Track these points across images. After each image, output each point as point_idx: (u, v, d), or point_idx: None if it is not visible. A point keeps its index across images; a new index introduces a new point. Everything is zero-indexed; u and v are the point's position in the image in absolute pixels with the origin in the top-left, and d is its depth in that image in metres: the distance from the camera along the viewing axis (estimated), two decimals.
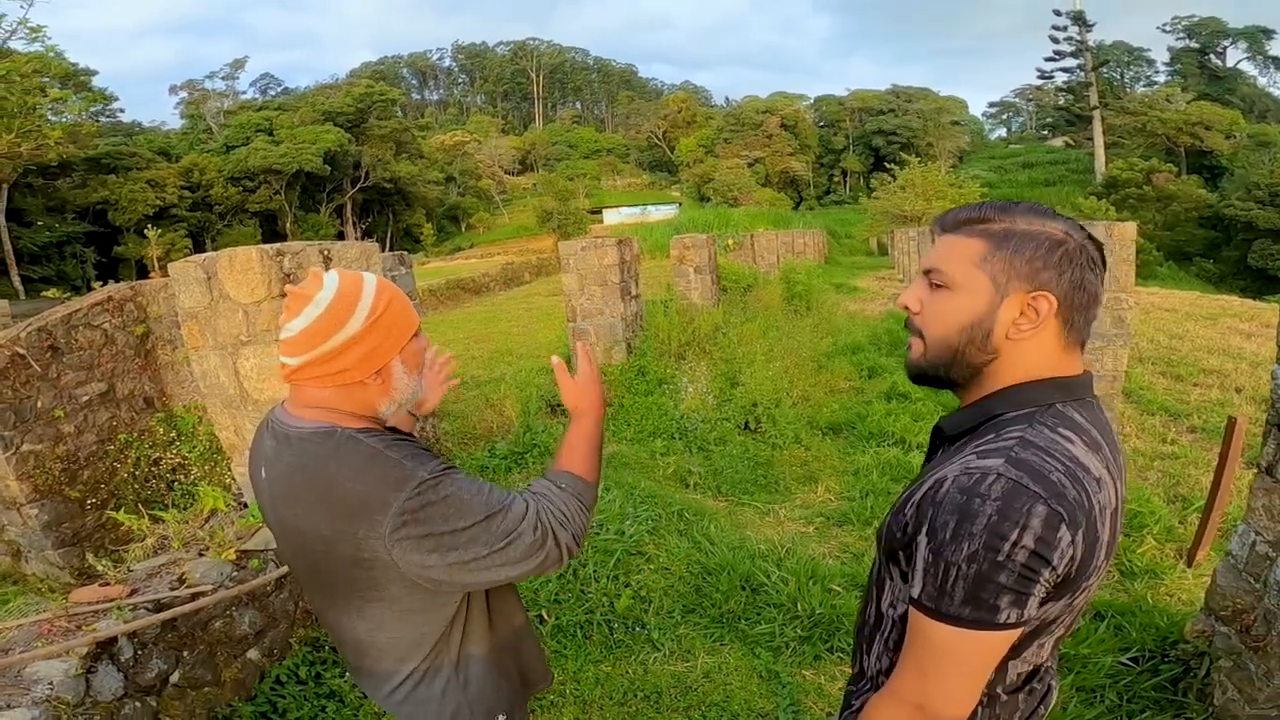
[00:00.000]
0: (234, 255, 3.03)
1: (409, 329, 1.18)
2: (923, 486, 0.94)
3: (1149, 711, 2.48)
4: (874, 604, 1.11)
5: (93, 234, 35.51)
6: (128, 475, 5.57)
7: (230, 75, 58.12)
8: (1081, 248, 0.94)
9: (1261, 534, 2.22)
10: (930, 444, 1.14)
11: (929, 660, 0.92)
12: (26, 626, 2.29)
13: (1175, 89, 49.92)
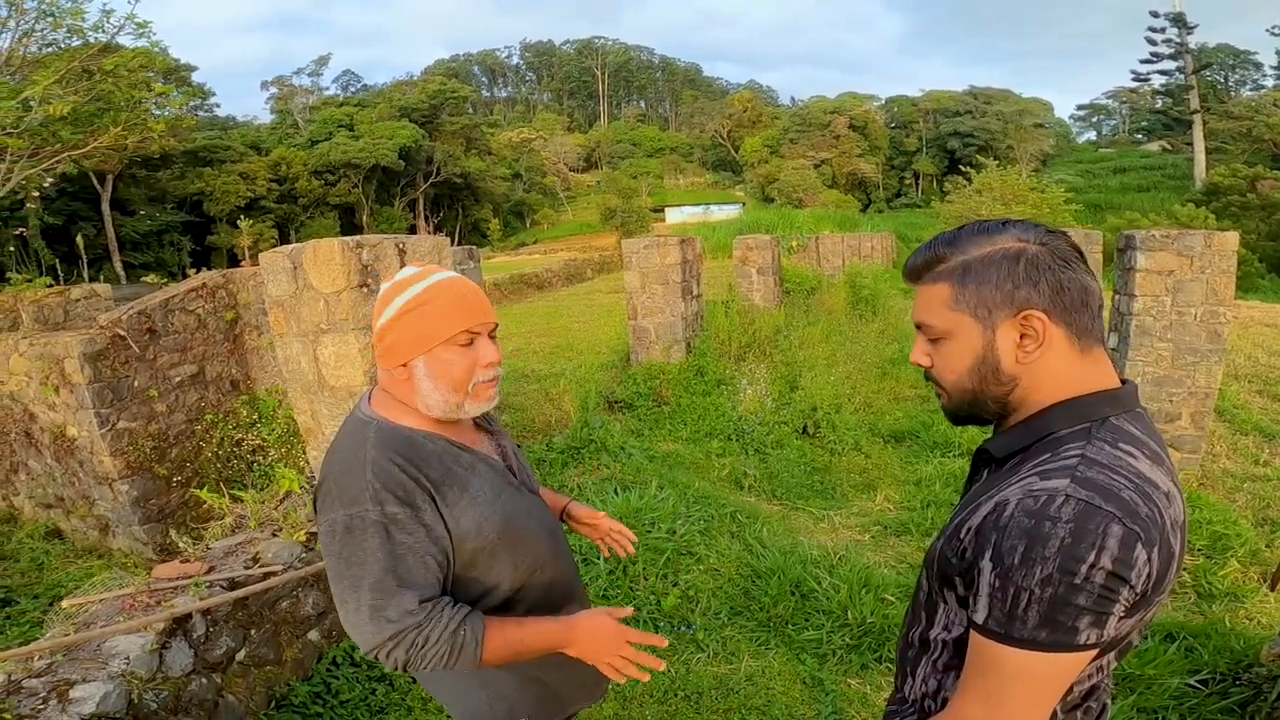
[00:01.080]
0: (317, 246, 3.18)
1: (435, 336, 1.19)
2: (979, 511, 0.92)
3: None
4: (920, 628, 1.10)
5: (189, 223, 37.81)
6: (212, 455, 5.93)
7: (315, 72, 60.88)
8: (1045, 249, 0.92)
9: None
10: (973, 465, 1.12)
11: (998, 686, 0.89)
12: (110, 601, 2.47)
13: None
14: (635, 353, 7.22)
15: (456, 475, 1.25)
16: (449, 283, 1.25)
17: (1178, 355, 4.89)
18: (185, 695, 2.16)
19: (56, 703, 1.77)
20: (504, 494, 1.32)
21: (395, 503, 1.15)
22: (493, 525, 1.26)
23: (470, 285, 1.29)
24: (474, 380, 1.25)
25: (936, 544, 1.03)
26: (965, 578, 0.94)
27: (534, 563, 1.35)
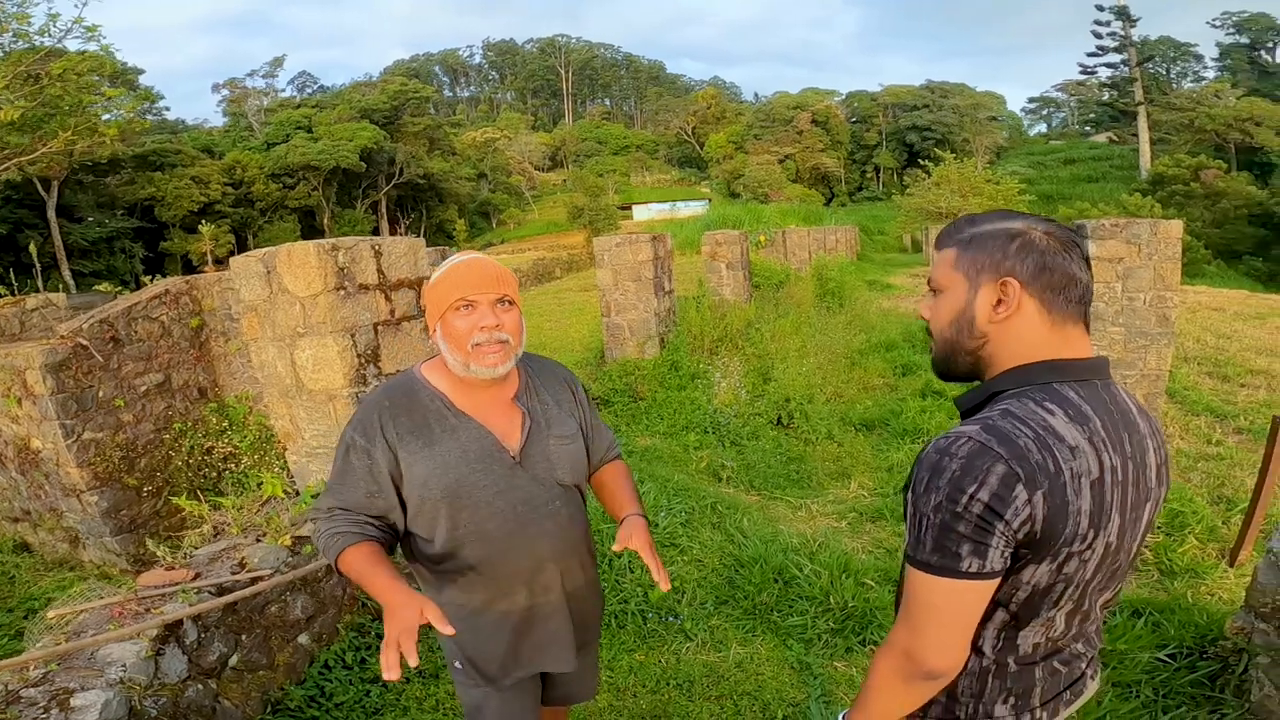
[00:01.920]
0: (292, 250, 3.16)
1: (440, 305, 1.41)
2: (925, 456, 1.03)
3: (1185, 707, 2.48)
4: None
5: (140, 229, 36.68)
6: (182, 463, 5.81)
7: (270, 73, 59.41)
8: (1045, 235, 1.02)
9: None
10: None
11: (914, 609, 1.00)
12: (97, 609, 2.44)
13: (1224, 85, 48.32)
14: (610, 349, 7.26)
15: (429, 430, 1.43)
16: (461, 262, 1.43)
17: (1129, 339, 5.12)
18: (183, 701, 2.15)
19: (59, 711, 1.75)
20: (476, 463, 1.43)
21: (361, 434, 1.43)
22: (440, 484, 1.41)
23: (480, 262, 1.44)
24: (471, 340, 1.39)
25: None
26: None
27: (477, 535, 1.45)
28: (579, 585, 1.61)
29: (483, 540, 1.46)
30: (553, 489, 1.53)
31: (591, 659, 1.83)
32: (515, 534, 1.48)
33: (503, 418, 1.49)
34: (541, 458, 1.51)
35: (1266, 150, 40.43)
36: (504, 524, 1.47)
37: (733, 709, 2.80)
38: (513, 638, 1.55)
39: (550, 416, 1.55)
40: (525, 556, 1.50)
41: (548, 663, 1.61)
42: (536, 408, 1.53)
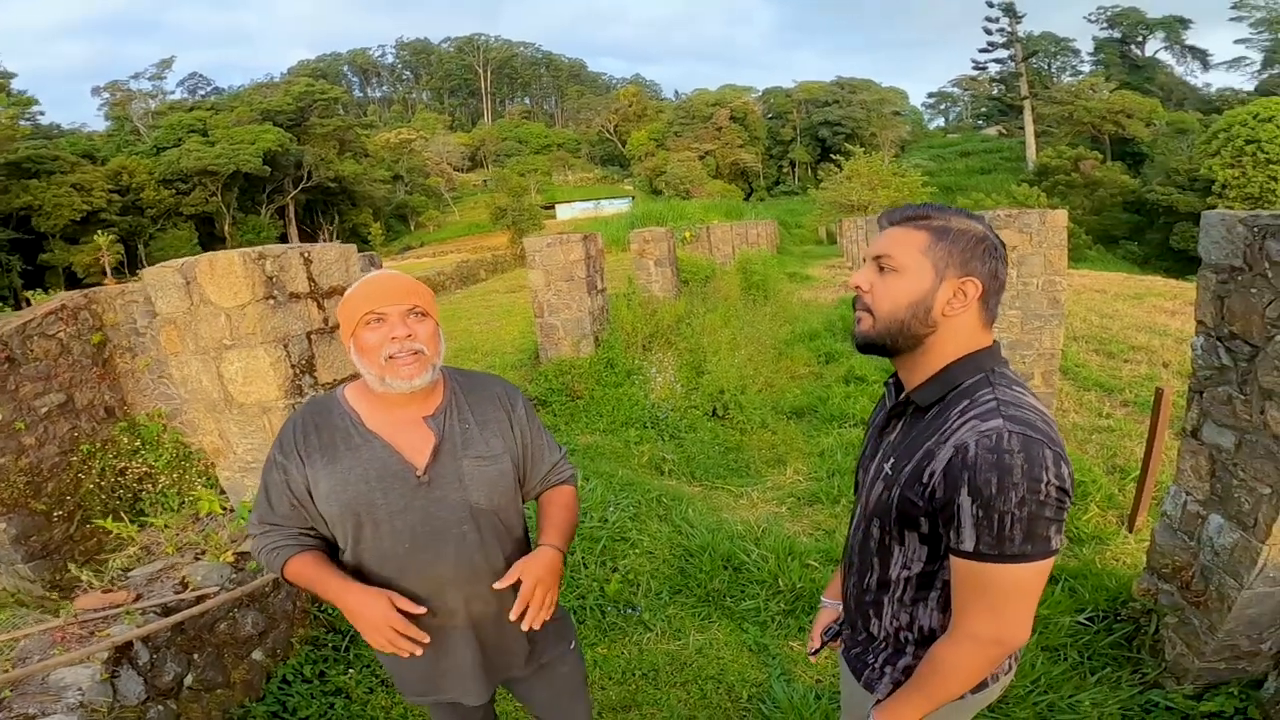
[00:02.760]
0: (214, 260, 3.04)
1: (351, 320, 1.40)
2: (938, 457, 1.07)
3: (1109, 668, 2.69)
4: (874, 573, 1.25)
5: (16, 241, 33.72)
6: (93, 486, 5.45)
7: (158, 75, 55.47)
8: (996, 244, 1.16)
9: (1192, 494, 2.49)
10: (890, 412, 1.26)
11: (1000, 600, 1.06)
12: (37, 635, 2.31)
13: (1099, 78, 52.05)
14: (544, 349, 7.26)
15: (334, 447, 1.43)
16: (369, 278, 1.42)
17: (1026, 321, 5.56)
18: None
19: None
20: (377, 482, 1.41)
21: (279, 451, 1.46)
22: (339, 500, 1.41)
23: (387, 277, 1.42)
24: (384, 353, 1.37)
25: (891, 493, 1.16)
26: (936, 516, 1.09)
27: (375, 553, 1.44)
28: (490, 613, 1.51)
29: (381, 559, 1.44)
30: (460, 509, 1.46)
31: (563, 686, 1.75)
32: (412, 554, 1.44)
33: (414, 436, 1.44)
34: (452, 478, 1.45)
35: (1137, 141, 43.97)
36: (400, 544, 1.43)
37: (699, 694, 2.90)
38: (423, 658, 1.46)
39: (469, 436, 1.48)
40: (422, 579, 1.45)
41: (451, 691, 1.56)
42: (453, 426, 1.47)
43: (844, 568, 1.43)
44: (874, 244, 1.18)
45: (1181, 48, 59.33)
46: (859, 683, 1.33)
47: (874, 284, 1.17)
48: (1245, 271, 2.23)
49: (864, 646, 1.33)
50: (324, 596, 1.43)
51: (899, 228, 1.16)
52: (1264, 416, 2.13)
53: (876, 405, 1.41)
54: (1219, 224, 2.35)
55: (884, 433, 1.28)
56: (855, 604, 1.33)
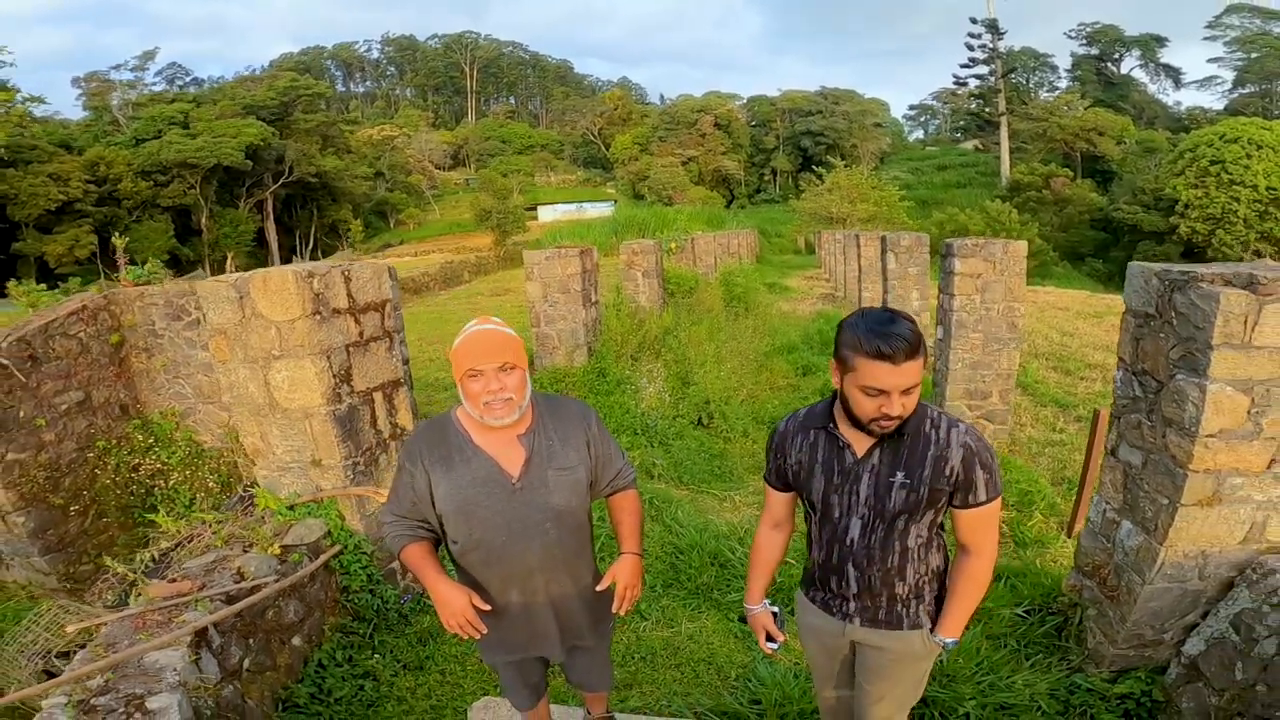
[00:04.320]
0: (268, 277, 3.37)
1: (458, 372, 1.77)
2: (950, 459, 1.66)
3: (1041, 654, 3.13)
4: (895, 554, 1.75)
5: None
6: (109, 481, 5.70)
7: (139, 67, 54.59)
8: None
9: (1110, 503, 2.95)
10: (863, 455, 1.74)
11: (995, 525, 1.78)
12: (118, 622, 2.62)
13: (1074, 95, 52.99)
14: (540, 358, 7.63)
15: (450, 459, 1.82)
16: (469, 335, 1.79)
17: (987, 343, 6.08)
18: (222, 701, 2.39)
19: (140, 715, 1.99)
20: (482, 488, 1.81)
21: (408, 459, 1.86)
22: (453, 500, 1.81)
23: (481, 336, 1.77)
24: (482, 400, 1.76)
25: (919, 492, 1.67)
26: (959, 491, 1.69)
27: (480, 542, 1.85)
28: (566, 594, 1.93)
29: (484, 547, 1.85)
30: (545, 510, 1.84)
31: (598, 659, 2.19)
32: (508, 545, 1.84)
33: (510, 451, 1.83)
34: (539, 485, 1.83)
35: (1108, 159, 45.18)
36: (498, 536, 1.83)
37: (692, 674, 3.31)
38: (508, 625, 1.93)
39: (552, 451, 1.85)
40: (515, 564, 1.86)
41: (537, 650, 2.01)
42: (540, 443, 1.84)
43: (844, 566, 1.80)
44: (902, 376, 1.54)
45: (1155, 66, 60.23)
46: (900, 632, 1.83)
47: (906, 404, 1.59)
48: (1157, 318, 2.69)
49: (889, 609, 1.81)
50: (422, 580, 1.85)
51: (914, 361, 1.55)
52: (1165, 440, 2.59)
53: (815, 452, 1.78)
54: (1139, 275, 2.81)
55: (855, 466, 1.71)
56: (876, 584, 1.78)
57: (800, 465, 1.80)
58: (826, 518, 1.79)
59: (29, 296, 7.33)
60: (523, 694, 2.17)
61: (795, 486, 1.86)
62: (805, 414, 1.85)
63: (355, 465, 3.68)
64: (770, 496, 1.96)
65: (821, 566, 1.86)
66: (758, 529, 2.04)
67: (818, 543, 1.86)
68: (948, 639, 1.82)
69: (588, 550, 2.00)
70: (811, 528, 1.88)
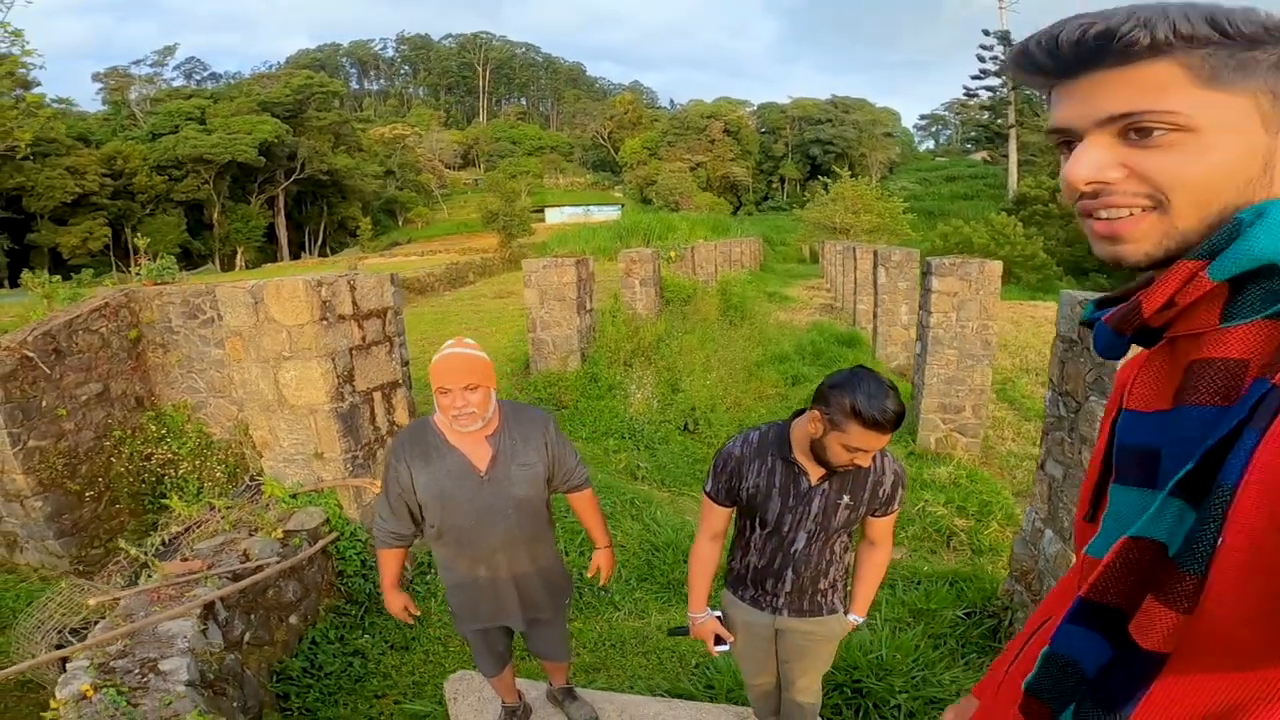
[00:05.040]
0: (281, 285, 3.69)
1: (433, 384, 2.05)
2: (885, 481, 1.94)
3: (975, 654, 3.38)
4: (827, 559, 2.04)
5: (4, 221, 33.72)
6: (123, 469, 6.03)
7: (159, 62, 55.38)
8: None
9: (1038, 513, 3.23)
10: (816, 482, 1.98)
11: (893, 529, 2.09)
12: (135, 596, 2.93)
13: None
14: (535, 362, 7.93)
15: (428, 455, 2.12)
16: (443, 357, 2.08)
17: (961, 360, 6.35)
18: (223, 668, 2.69)
19: (156, 676, 2.28)
20: (455, 479, 2.11)
21: (393, 454, 2.15)
22: (431, 490, 2.12)
23: (451, 359, 2.06)
24: (450, 412, 2.06)
25: (857, 511, 1.94)
26: (881, 505, 1.96)
27: (454, 525, 2.16)
28: (525, 571, 2.25)
29: (456, 530, 2.16)
30: (508, 499, 2.15)
31: (555, 631, 2.50)
32: (476, 528, 2.15)
33: (479, 449, 2.14)
34: (504, 477, 2.15)
35: None
36: (468, 520, 2.14)
37: (656, 661, 3.59)
38: (477, 598, 2.26)
39: (515, 450, 2.17)
40: (482, 545, 2.17)
41: (501, 619, 2.33)
42: (505, 443, 2.16)
43: (784, 571, 2.05)
44: (885, 441, 1.76)
45: None
46: (821, 617, 2.12)
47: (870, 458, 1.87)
48: (1078, 344, 2.97)
49: (812, 600, 2.09)
50: (381, 578, 2.33)
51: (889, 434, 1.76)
52: (1080, 456, 2.87)
53: (773, 477, 1.98)
54: (1066, 302, 3.10)
55: (809, 491, 1.95)
56: (806, 582, 2.05)
57: (757, 489, 1.96)
58: (775, 533, 2.00)
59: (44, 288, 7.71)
60: (489, 660, 2.47)
61: (746, 506, 2.01)
62: (758, 439, 1.99)
63: (354, 459, 3.99)
64: (714, 511, 2.09)
65: (759, 570, 2.07)
66: (697, 541, 2.18)
67: (759, 551, 2.05)
68: (860, 617, 2.15)
69: (546, 534, 2.32)
70: (753, 539, 2.06)
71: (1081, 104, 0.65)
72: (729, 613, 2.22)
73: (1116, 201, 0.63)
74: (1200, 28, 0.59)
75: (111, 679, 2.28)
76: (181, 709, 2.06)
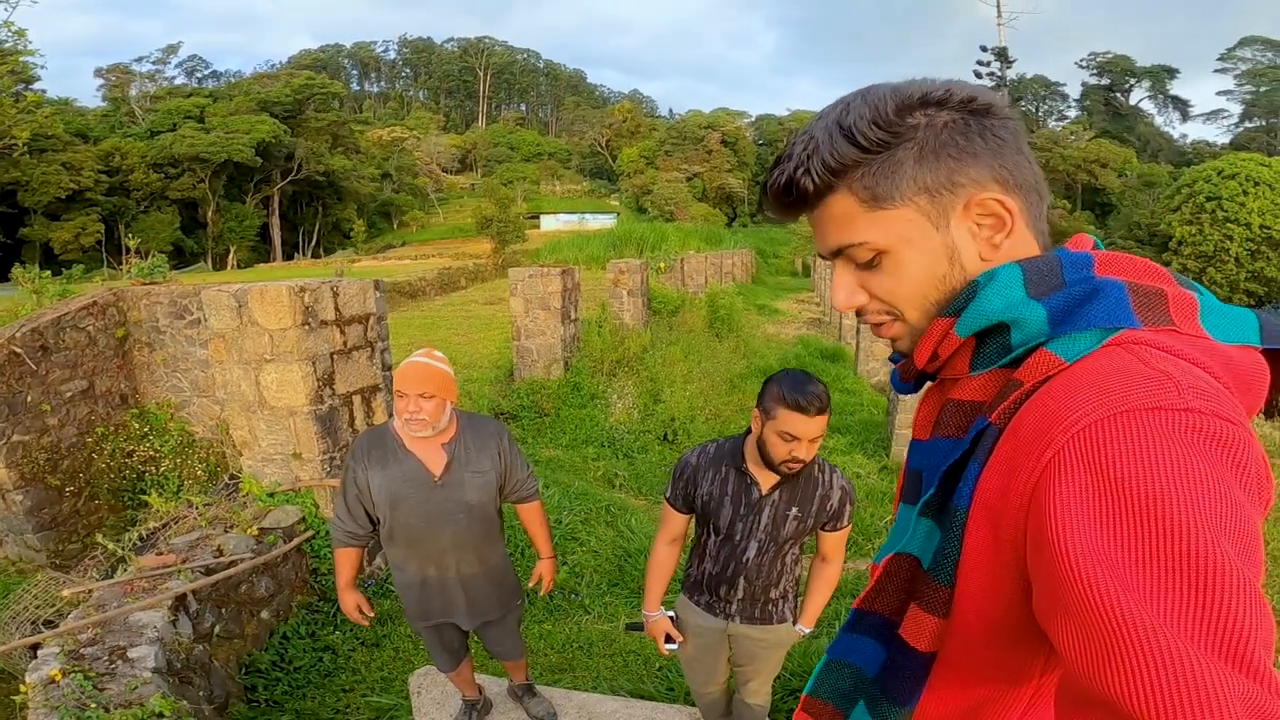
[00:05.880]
0: (264, 290, 3.79)
1: (395, 385, 2.16)
2: (833, 497, 2.04)
3: None
4: (778, 568, 2.12)
5: None
6: (104, 466, 6.09)
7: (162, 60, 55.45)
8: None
9: None
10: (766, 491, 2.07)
11: (845, 545, 2.16)
12: (109, 587, 3.02)
13: (1081, 125, 52.34)
14: (519, 369, 8.04)
15: (385, 459, 2.23)
16: (406, 364, 2.19)
17: None
18: (192, 659, 2.78)
19: (123, 663, 2.36)
20: (409, 483, 2.21)
21: (353, 460, 2.25)
22: (385, 492, 2.21)
23: (412, 368, 2.17)
24: (403, 417, 2.18)
25: (805, 523, 2.03)
26: (831, 520, 2.06)
27: (404, 527, 2.25)
28: (474, 573, 2.36)
29: (407, 530, 2.26)
30: (459, 504, 2.25)
31: (505, 631, 2.60)
32: (427, 530, 2.25)
33: (434, 455, 2.24)
34: (457, 483, 2.25)
35: (1108, 191, 44.92)
36: (419, 521, 2.24)
37: (621, 663, 3.68)
38: (425, 595, 2.37)
39: (469, 457, 2.27)
40: (431, 546, 2.27)
41: (450, 616, 2.43)
42: (459, 450, 2.27)
43: (736, 579, 2.15)
44: (812, 427, 1.85)
45: (1165, 97, 59.37)
46: (771, 626, 2.21)
47: (810, 450, 1.91)
48: None
49: (763, 609, 2.18)
50: (337, 577, 2.42)
51: (823, 416, 1.87)
52: None
53: (725, 486, 2.10)
54: None
55: (759, 500, 2.06)
56: (758, 591, 2.14)
57: (710, 497, 2.07)
58: (728, 540, 2.11)
59: (35, 283, 7.76)
60: (443, 657, 2.57)
61: (701, 513, 2.13)
62: (715, 450, 2.12)
63: (332, 459, 4.08)
64: (672, 517, 2.22)
65: (714, 577, 2.17)
66: (655, 544, 2.32)
67: (713, 558, 2.15)
68: (807, 629, 2.23)
69: (495, 538, 2.42)
70: (709, 545, 2.16)
71: (818, 239, 0.74)
72: (683, 616, 2.32)
73: (871, 319, 0.75)
74: (842, 149, 0.65)
75: (80, 665, 2.36)
76: (146, 694, 2.14)
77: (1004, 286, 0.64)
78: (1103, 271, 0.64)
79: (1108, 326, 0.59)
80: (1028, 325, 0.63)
